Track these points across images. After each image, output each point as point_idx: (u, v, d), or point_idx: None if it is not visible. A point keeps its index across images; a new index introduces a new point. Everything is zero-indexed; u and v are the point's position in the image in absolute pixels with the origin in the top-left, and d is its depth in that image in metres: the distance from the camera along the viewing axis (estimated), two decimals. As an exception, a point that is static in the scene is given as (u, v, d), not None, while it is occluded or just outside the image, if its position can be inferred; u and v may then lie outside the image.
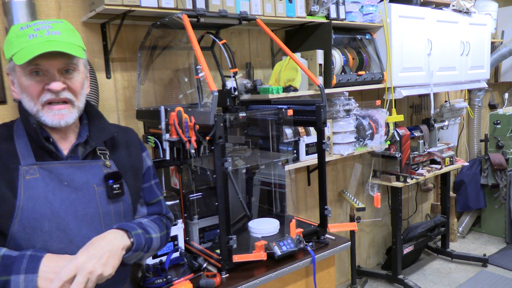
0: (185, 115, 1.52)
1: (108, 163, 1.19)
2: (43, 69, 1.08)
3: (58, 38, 1.09)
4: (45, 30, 1.09)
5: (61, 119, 1.11)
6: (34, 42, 1.06)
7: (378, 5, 2.73)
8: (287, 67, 2.33)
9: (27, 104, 1.11)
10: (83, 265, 0.99)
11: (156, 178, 1.39)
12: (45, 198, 1.07)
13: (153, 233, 1.23)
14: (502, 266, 3.51)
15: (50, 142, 1.13)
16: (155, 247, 1.25)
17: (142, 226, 1.22)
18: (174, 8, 1.83)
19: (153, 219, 1.32)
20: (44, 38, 1.07)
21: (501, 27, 4.31)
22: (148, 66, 2.10)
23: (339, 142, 2.62)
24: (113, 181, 1.16)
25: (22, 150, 1.10)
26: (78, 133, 1.19)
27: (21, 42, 1.07)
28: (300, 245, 1.71)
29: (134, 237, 1.14)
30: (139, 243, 1.15)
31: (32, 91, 1.08)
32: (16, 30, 1.10)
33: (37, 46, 1.05)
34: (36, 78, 1.08)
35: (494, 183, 3.97)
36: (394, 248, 3.18)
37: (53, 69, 1.09)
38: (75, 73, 1.13)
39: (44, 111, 1.10)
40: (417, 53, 2.92)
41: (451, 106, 3.68)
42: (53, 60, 1.08)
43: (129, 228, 1.15)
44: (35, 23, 1.11)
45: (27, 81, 1.08)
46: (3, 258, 1.00)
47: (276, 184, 2.05)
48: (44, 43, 1.06)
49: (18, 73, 1.09)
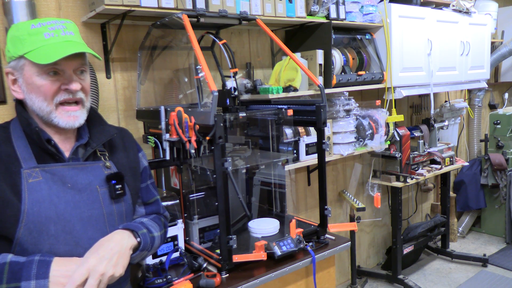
0: (185, 115, 1.52)
1: (108, 164, 1.19)
2: (60, 69, 1.07)
3: (73, 38, 1.10)
4: (60, 30, 1.08)
5: (76, 121, 1.11)
6: (52, 42, 1.06)
7: (378, 5, 2.73)
8: (287, 67, 2.33)
9: (38, 104, 1.08)
10: (95, 267, 0.99)
11: (152, 178, 1.39)
12: (50, 201, 1.06)
13: (155, 232, 1.25)
14: (502, 266, 3.51)
15: (51, 144, 1.11)
16: (156, 245, 1.27)
17: (145, 225, 1.23)
18: (174, 8, 1.83)
19: (153, 218, 1.33)
20: (61, 38, 1.07)
21: (501, 27, 4.31)
22: (148, 66, 2.10)
23: (339, 142, 2.62)
24: (115, 181, 1.16)
25: (23, 153, 1.08)
26: (78, 134, 1.19)
27: (36, 40, 1.05)
28: (300, 245, 1.71)
29: (141, 236, 1.16)
30: (146, 242, 1.18)
31: (47, 90, 1.07)
32: (27, 28, 1.07)
33: (58, 46, 1.05)
34: (53, 77, 1.07)
35: (494, 183, 3.97)
36: (394, 248, 3.18)
37: (69, 70, 1.09)
38: (85, 74, 1.15)
39: (57, 112, 1.09)
40: (417, 53, 2.92)
41: (451, 106, 3.68)
42: (72, 61, 1.08)
43: (135, 228, 1.17)
44: (48, 21, 1.09)
45: (42, 81, 1.06)
46: (11, 265, 0.99)
47: (276, 184, 2.05)
48: (65, 44, 1.06)
49: (29, 72, 1.06)
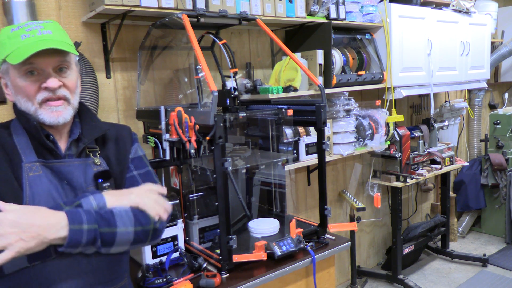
0: (185, 115, 1.52)
1: (97, 160, 1.19)
2: (38, 68, 1.08)
3: (50, 37, 1.10)
4: (37, 30, 1.09)
5: (59, 116, 1.11)
6: (27, 42, 1.07)
7: (378, 5, 2.73)
8: (287, 67, 2.33)
9: (24, 105, 1.11)
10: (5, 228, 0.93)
11: (143, 169, 1.28)
12: (49, 195, 1.08)
13: (121, 226, 1.08)
14: (502, 266, 3.51)
15: (50, 139, 1.14)
16: (122, 241, 1.09)
17: (104, 217, 1.06)
18: (174, 8, 1.83)
19: (133, 210, 1.13)
20: (37, 38, 1.08)
21: (501, 27, 4.31)
22: (148, 66, 2.10)
23: (339, 142, 2.62)
24: (102, 180, 1.16)
25: (23, 148, 1.11)
26: (71, 130, 1.20)
27: (13, 43, 1.07)
28: (300, 245, 1.71)
29: (70, 232, 1.00)
30: (77, 239, 1.01)
31: (28, 91, 1.08)
32: (7, 32, 1.10)
33: (31, 45, 1.05)
34: (32, 78, 1.08)
35: (494, 183, 3.97)
36: (394, 248, 3.18)
37: (48, 68, 1.09)
38: (68, 71, 1.14)
39: (42, 109, 1.10)
40: (417, 53, 2.92)
41: (451, 106, 3.68)
42: (48, 59, 1.08)
43: (73, 219, 1.01)
44: (26, 24, 1.11)
45: (22, 82, 1.08)
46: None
47: (276, 184, 2.05)
48: (38, 42, 1.07)
49: (12, 75, 1.09)
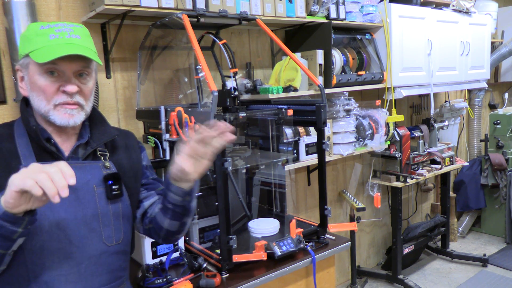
0: (185, 115, 1.52)
1: (107, 164, 1.19)
2: (60, 70, 1.08)
3: (78, 41, 1.10)
4: (66, 32, 1.10)
5: (70, 119, 1.11)
6: (54, 43, 1.07)
7: (378, 5, 2.73)
8: (287, 67, 2.33)
9: (37, 103, 1.10)
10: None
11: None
12: None
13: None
14: (502, 266, 3.51)
15: (51, 143, 1.13)
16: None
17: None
18: (174, 8, 1.83)
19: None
20: (65, 40, 1.08)
21: (501, 27, 4.31)
22: (148, 66, 2.10)
23: (339, 142, 2.62)
24: (112, 182, 1.16)
25: (23, 150, 1.10)
26: (79, 134, 1.20)
27: (41, 40, 1.07)
28: (300, 245, 1.71)
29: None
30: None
31: (47, 91, 1.08)
32: (36, 28, 1.10)
33: (58, 47, 1.06)
34: (51, 78, 1.08)
35: (494, 183, 3.97)
36: (394, 248, 3.18)
37: (69, 71, 1.09)
38: (88, 78, 1.15)
39: (56, 110, 1.10)
40: (417, 53, 2.92)
41: (451, 106, 3.68)
42: (71, 63, 1.09)
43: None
44: (56, 24, 1.11)
45: (42, 81, 1.08)
46: None
47: (276, 184, 2.05)
48: (66, 45, 1.07)
49: (32, 71, 1.09)
